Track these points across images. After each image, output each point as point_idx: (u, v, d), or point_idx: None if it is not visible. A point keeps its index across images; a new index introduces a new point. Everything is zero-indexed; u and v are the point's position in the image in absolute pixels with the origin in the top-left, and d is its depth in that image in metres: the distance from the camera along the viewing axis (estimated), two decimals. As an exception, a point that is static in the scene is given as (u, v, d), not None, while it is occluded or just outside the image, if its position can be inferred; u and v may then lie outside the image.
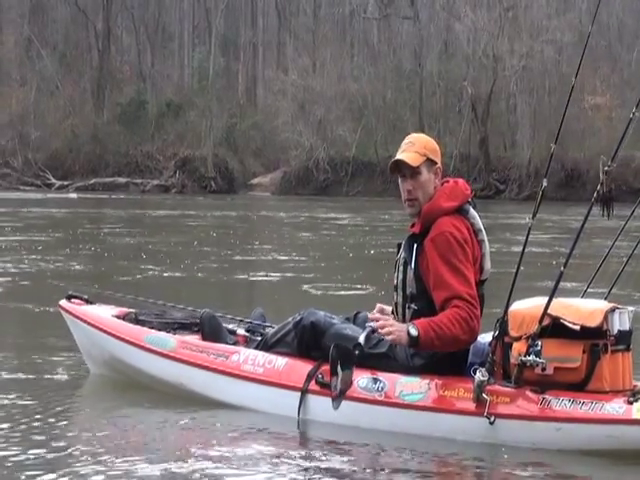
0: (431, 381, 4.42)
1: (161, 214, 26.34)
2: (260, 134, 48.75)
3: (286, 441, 4.46)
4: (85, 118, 47.97)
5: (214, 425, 4.69)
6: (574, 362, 4.22)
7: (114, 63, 51.97)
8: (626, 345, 4.38)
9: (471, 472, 4.08)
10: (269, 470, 4.00)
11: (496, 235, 17.96)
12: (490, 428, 4.24)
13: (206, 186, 44.70)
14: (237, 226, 22.28)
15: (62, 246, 15.19)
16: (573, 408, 4.19)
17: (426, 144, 4.69)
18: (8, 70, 49.56)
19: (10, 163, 45.13)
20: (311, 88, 47.07)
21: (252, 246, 16.37)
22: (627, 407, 4.16)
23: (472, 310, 4.39)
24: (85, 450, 4.22)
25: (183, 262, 13.11)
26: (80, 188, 42.86)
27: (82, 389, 5.58)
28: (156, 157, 46.14)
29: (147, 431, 4.63)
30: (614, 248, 4.92)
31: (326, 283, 10.35)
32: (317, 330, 4.71)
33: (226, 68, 52.64)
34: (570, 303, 4.39)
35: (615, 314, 4.34)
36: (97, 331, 5.46)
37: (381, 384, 4.49)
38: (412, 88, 46.82)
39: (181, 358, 5.05)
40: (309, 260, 14.13)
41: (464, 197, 4.61)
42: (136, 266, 12.37)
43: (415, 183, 4.61)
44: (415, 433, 4.40)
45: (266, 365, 4.77)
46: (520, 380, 4.27)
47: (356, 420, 4.51)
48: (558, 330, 4.26)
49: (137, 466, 3.97)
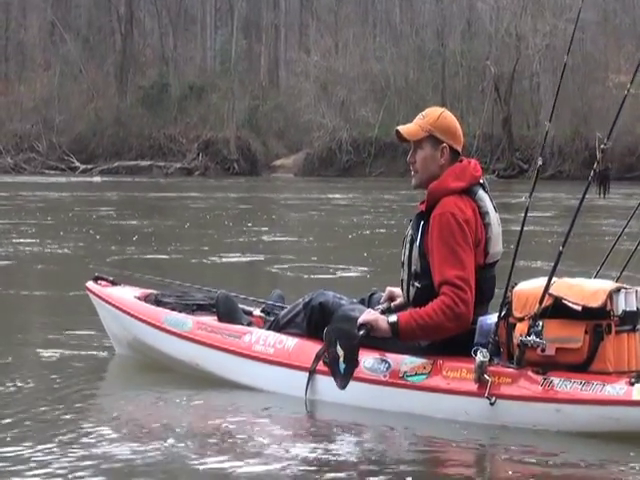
0: (435, 362, 4.38)
1: (184, 196, 26.42)
2: (283, 116, 48.75)
3: (292, 421, 4.49)
4: (108, 102, 48.14)
5: (225, 405, 4.72)
6: (576, 343, 4.16)
7: (137, 47, 52.08)
8: (632, 326, 4.27)
9: (471, 453, 4.06)
10: (273, 451, 4.00)
11: (518, 214, 17.94)
12: (491, 409, 4.19)
13: (229, 168, 44.79)
14: (259, 208, 22.34)
15: (88, 229, 15.30)
16: (573, 389, 4.13)
17: (436, 120, 4.53)
18: (32, 55, 49.83)
19: (35, 147, 45.42)
20: (333, 69, 47.01)
21: (275, 228, 16.42)
22: (628, 388, 4.07)
23: (459, 295, 4.31)
24: (103, 429, 4.27)
25: (206, 244, 13.18)
26: (104, 171, 43.07)
27: (106, 369, 5.64)
28: (179, 140, 46.26)
29: (163, 411, 4.68)
30: (628, 228, 4.84)
31: (348, 265, 10.37)
32: (325, 311, 4.72)
33: (248, 50, 52.64)
34: (574, 283, 4.30)
35: (620, 294, 4.24)
36: (119, 312, 5.54)
37: (386, 365, 4.46)
38: (435, 68, 46.68)
39: (196, 339, 5.08)
40: (334, 240, 14.17)
41: (472, 178, 4.51)
42: (160, 248, 12.45)
43: (416, 156, 4.54)
44: (419, 414, 4.37)
45: (276, 345, 4.77)
46: (522, 361, 4.21)
47: (362, 401, 4.49)
48: (560, 310, 4.18)
49: (147, 447, 4.02)
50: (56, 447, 4.02)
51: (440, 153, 4.53)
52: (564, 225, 16.62)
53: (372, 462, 3.90)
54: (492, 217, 4.51)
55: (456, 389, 4.30)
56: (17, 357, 5.83)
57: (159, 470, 3.76)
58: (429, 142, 4.53)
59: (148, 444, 4.04)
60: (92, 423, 4.39)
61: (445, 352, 4.42)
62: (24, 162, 44.71)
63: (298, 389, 4.60)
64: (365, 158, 43.85)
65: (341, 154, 43.93)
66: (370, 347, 4.53)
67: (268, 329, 4.96)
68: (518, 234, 4.32)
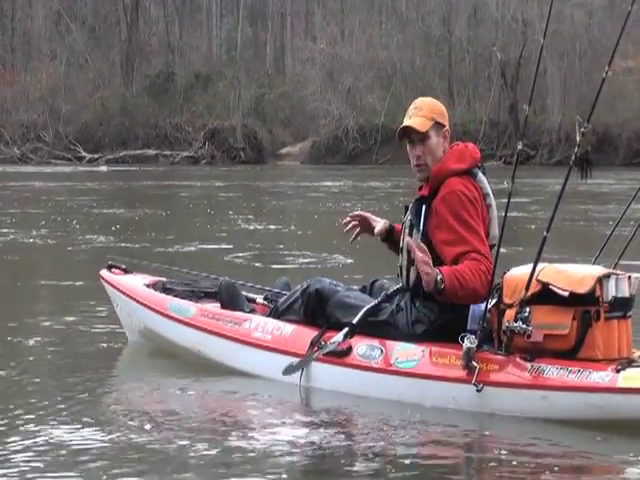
0: (426, 348, 4.37)
1: (191, 185, 26.44)
2: (289, 104, 48.70)
3: (284, 408, 4.52)
4: (114, 91, 48.14)
5: (222, 392, 4.78)
6: (563, 329, 4.11)
7: (142, 36, 52.03)
8: (623, 312, 4.22)
9: (459, 441, 4.04)
10: (264, 438, 4.02)
11: (523, 200, 17.91)
12: (478, 396, 4.16)
13: (235, 157, 44.78)
14: (267, 196, 22.35)
15: (100, 217, 15.33)
16: (559, 376, 4.09)
17: (433, 107, 4.63)
18: (38, 44, 49.82)
19: (41, 137, 45.43)
20: (340, 56, 46.92)
21: (282, 215, 16.43)
22: (613, 375, 4.03)
23: (488, 264, 4.32)
24: (106, 416, 4.34)
25: (216, 232, 13.21)
26: (110, 161, 43.09)
27: (118, 357, 5.70)
28: (185, 129, 46.23)
29: (166, 399, 4.74)
30: (627, 213, 4.77)
31: (346, 252, 10.35)
32: (321, 298, 4.74)
33: (254, 38, 52.56)
34: (562, 269, 4.25)
35: (610, 280, 4.18)
36: (129, 299, 5.61)
37: (378, 351, 4.47)
38: (441, 54, 46.56)
39: (198, 325, 5.13)
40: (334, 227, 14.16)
41: (473, 160, 4.56)
42: (165, 237, 12.47)
43: (424, 148, 4.57)
44: (409, 401, 4.36)
45: (274, 332, 4.81)
46: (510, 347, 4.18)
47: (355, 388, 4.51)
48: (548, 296, 4.14)
49: (150, 435, 4.07)
50: (62, 432, 4.07)
51: (443, 138, 4.62)
52: (566, 211, 16.60)
53: (358, 449, 3.91)
54: (492, 199, 4.55)
55: (444, 376, 4.28)
56: (29, 343, 5.89)
57: (155, 456, 3.81)
58: (434, 130, 4.60)
59: (151, 433, 4.08)
60: (96, 410, 4.47)
61: (438, 338, 4.40)
62: (31, 152, 44.73)
63: (294, 376, 4.63)
64: (372, 145, 43.79)
65: (347, 142, 43.88)
66: (364, 334, 4.55)
67: (268, 316, 5.00)
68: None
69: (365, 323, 4.55)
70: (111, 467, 3.68)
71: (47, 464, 3.70)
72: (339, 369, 4.54)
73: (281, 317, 4.92)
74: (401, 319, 4.52)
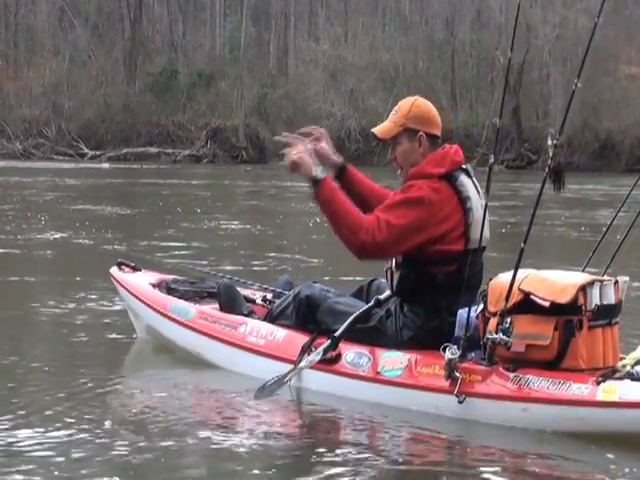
0: (412, 356, 4.34)
1: (195, 184, 26.45)
2: (291, 104, 48.68)
3: (273, 415, 4.54)
4: (117, 88, 48.13)
5: (213, 393, 4.82)
6: (545, 339, 4.02)
7: (146, 33, 52.02)
8: (608, 320, 4.14)
9: (440, 451, 4.02)
10: (247, 442, 4.05)
11: (521, 206, 17.93)
12: (461, 407, 4.11)
13: (237, 156, 44.78)
14: (270, 196, 22.36)
15: (110, 215, 15.34)
16: (540, 387, 4.01)
17: (409, 112, 4.54)
18: (41, 40, 49.80)
19: (44, 133, 45.43)
20: (343, 58, 46.92)
21: (284, 216, 16.44)
22: (593, 388, 3.94)
23: (375, 231, 4.27)
24: (108, 412, 4.42)
25: (223, 231, 13.22)
26: (112, 158, 43.08)
27: (127, 352, 5.76)
28: (187, 127, 46.22)
29: (160, 397, 4.76)
30: (617, 220, 4.72)
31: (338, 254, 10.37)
32: (312, 304, 4.74)
33: (257, 38, 52.53)
34: (545, 277, 4.16)
35: (594, 288, 4.09)
36: (134, 298, 5.66)
37: (366, 359, 4.45)
38: (444, 58, 46.57)
39: (197, 328, 5.15)
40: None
41: (453, 164, 4.46)
42: (179, 234, 12.50)
43: (396, 152, 4.57)
44: (395, 410, 4.33)
45: (267, 337, 4.82)
46: (493, 358, 4.12)
47: (343, 395, 4.49)
48: (530, 306, 4.06)
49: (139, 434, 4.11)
50: (66, 427, 4.12)
51: (418, 143, 4.52)
52: (568, 217, 16.63)
53: (339, 456, 3.91)
54: (474, 202, 4.45)
55: (428, 385, 4.25)
56: (36, 337, 5.94)
57: (138, 457, 3.85)
58: (405, 135, 4.54)
59: (139, 433, 4.11)
60: (97, 405, 4.50)
61: (426, 345, 4.36)
62: (33, 147, 44.75)
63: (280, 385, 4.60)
64: (374, 147, 43.71)
65: (350, 143, 43.87)
66: (353, 340, 4.54)
67: (264, 319, 5.01)
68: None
69: (355, 330, 4.53)
70: (99, 464, 3.71)
71: (28, 462, 3.71)
72: (328, 376, 4.54)
73: (275, 322, 4.92)
74: (390, 325, 4.50)
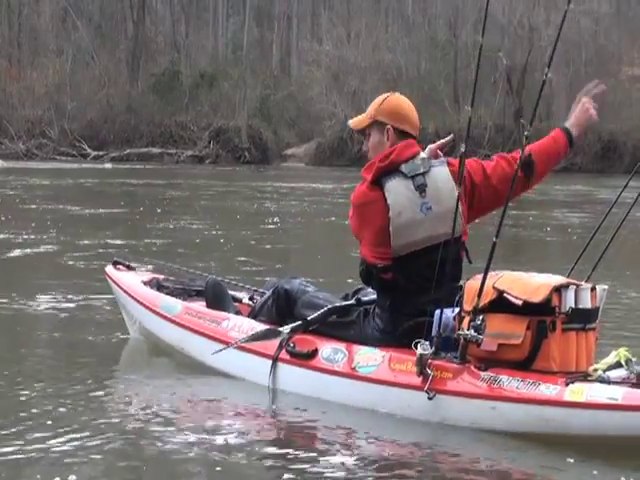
0: (387, 353, 4.32)
1: (195, 184, 26.46)
2: (294, 105, 48.70)
3: (250, 409, 4.57)
4: (120, 88, 48.14)
5: (193, 392, 4.85)
6: (516, 338, 3.98)
7: (149, 34, 52.04)
8: (583, 324, 4.08)
9: (410, 449, 4.00)
10: (219, 439, 4.07)
11: (522, 207, 17.91)
12: (431, 404, 4.09)
13: (240, 156, 44.78)
14: (273, 197, 22.38)
15: (111, 214, 15.35)
16: (509, 387, 3.97)
17: (379, 105, 4.56)
18: (44, 41, 49.82)
19: (47, 133, 45.43)
20: (345, 59, 46.94)
21: (287, 217, 16.46)
22: (561, 388, 3.89)
23: None
24: (96, 417, 4.40)
25: (222, 233, 13.24)
26: (115, 158, 43.09)
27: (119, 352, 5.77)
28: (190, 127, 46.22)
29: (142, 398, 4.78)
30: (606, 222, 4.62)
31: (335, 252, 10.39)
32: (290, 297, 4.77)
33: (260, 39, 52.57)
34: (520, 277, 4.13)
35: (569, 290, 4.04)
36: (125, 295, 5.70)
37: (342, 355, 4.45)
38: (447, 59, 46.57)
39: (181, 323, 5.18)
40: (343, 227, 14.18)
41: (389, 164, 4.43)
42: (178, 234, 12.52)
43: (368, 144, 4.61)
44: (368, 406, 4.33)
45: (248, 332, 4.82)
46: (465, 356, 4.10)
47: (319, 391, 4.50)
48: (503, 305, 4.03)
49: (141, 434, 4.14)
50: (62, 429, 4.14)
51: (386, 136, 4.54)
52: (567, 218, 16.62)
53: (312, 453, 3.91)
54: (400, 206, 4.38)
55: (400, 382, 4.23)
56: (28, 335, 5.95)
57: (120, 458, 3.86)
58: (375, 128, 4.56)
59: (126, 435, 4.12)
60: (91, 407, 4.52)
61: (403, 342, 4.33)
62: (36, 148, 44.76)
63: (263, 376, 4.65)
64: (376, 148, 43.77)
65: (352, 144, 43.83)
66: (331, 336, 4.55)
67: (248, 316, 5.04)
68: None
69: (333, 323, 4.56)
70: (97, 466, 3.73)
71: (21, 465, 3.71)
72: (305, 371, 4.54)
73: (256, 317, 4.95)
74: (367, 322, 4.51)
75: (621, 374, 4.03)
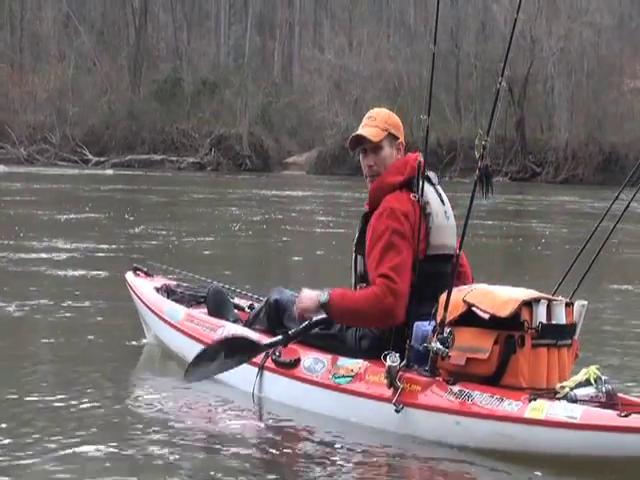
0: (364, 364, 4.31)
1: (197, 190, 26.48)
2: (296, 113, 48.75)
3: (232, 416, 4.59)
4: (121, 95, 48.21)
5: (184, 398, 4.87)
6: (484, 353, 3.91)
7: (151, 40, 52.13)
8: (555, 340, 4.00)
9: (377, 462, 3.99)
10: (201, 445, 4.14)
11: (524, 218, 17.95)
12: (398, 417, 4.06)
13: (241, 164, 44.82)
14: (276, 205, 22.39)
15: (123, 220, 15.36)
16: (474, 402, 3.91)
17: (387, 119, 4.59)
18: (47, 47, 49.90)
19: (48, 139, 45.48)
20: (347, 67, 46.99)
21: (287, 226, 16.46)
22: (523, 405, 3.82)
23: (389, 286, 4.21)
24: (104, 416, 4.49)
25: (233, 241, 13.24)
26: (116, 164, 43.12)
27: (135, 358, 5.83)
28: (191, 135, 46.27)
29: (141, 405, 4.80)
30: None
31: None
32: (280, 308, 4.80)
33: (262, 47, 52.64)
34: (491, 290, 4.06)
35: (540, 305, 3.96)
36: (139, 301, 5.79)
37: (321, 365, 4.46)
38: (449, 69, 46.59)
39: (181, 329, 5.23)
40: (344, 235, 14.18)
41: (412, 170, 4.44)
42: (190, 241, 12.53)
43: (377, 158, 4.54)
44: (341, 416, 4.32)
45: None
46: (434, 369, 4.05)
47: (299, 400, 4.52)
48: (472, 318, 3.97)
49: None
50: (68, 431, 4.21)
51: (397, 150, 4.55)
52: (564, 231, 16.61)
53: (282, 462, 3.95)
54: (434, 207, 4.42)
55: (370, 394, 4.22)
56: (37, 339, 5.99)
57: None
58: (387, 141, 4.56)
59: (125, 440, 4.14)
60: (98, 407, 4.60)
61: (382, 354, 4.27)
62: (37, 153, 44.80)
63: (250, 383, 4.68)
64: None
65: (353, 153, 43.87)
66: (315, 347, 4.57)
67: (244, 324, 5.06)
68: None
69: (316, 334, 4.57)
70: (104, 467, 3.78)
71: (28, 467, 3.76)
72: (287, 381, 4.56)
73: (251, 326, 4.99)
74: (349, 334, 4.52)
75: (589, 392, 3.94)
